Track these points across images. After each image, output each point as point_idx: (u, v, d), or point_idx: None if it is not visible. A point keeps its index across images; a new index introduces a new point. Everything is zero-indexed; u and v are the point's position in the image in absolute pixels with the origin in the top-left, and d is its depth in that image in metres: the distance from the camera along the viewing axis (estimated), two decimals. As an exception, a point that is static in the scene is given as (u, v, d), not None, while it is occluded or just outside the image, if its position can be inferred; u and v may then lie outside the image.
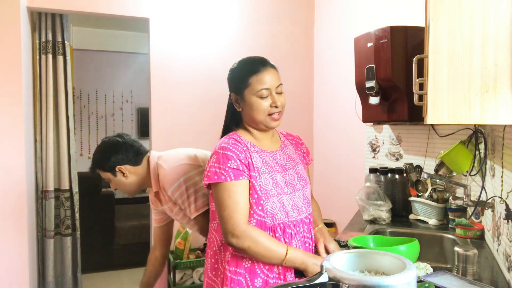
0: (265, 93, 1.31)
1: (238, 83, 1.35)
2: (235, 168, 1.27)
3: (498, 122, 0.99)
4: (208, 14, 3.13)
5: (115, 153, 1.65)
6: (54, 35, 3.03)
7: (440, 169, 1.96)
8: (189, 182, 1.58)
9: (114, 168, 1.66)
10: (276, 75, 1.35)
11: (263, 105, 1.31)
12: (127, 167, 1.67)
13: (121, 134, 1.74)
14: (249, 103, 1.33)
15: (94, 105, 6.02)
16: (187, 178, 1.58)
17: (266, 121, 1.33)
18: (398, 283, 0.80)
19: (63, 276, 3.14)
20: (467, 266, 1.31)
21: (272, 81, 1.32)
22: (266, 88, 1.31)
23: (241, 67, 1.37)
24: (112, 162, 1.65)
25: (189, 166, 1.61)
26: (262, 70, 1.32)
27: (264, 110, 1.32)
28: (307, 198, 1.40)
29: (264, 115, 1.32)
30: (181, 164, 1.62)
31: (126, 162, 1.66)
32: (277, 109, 1.33)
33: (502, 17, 0.96)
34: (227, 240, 1.25)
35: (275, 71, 1.35)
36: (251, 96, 1.32)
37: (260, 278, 1.28)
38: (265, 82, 1.31)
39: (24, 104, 2.65)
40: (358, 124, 2.64)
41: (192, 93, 3.11)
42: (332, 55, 3.17)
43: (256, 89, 1.31)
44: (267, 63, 1.36)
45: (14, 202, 2.63)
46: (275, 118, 1.34)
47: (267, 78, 1.32)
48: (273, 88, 1.33)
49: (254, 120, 1.34)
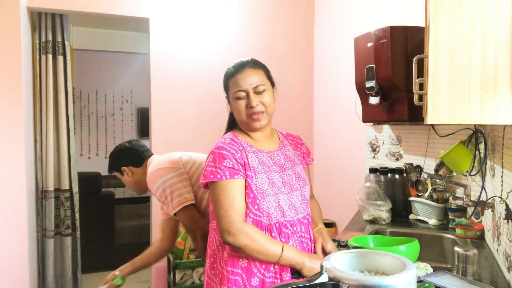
0: (241, 95, 1.34)
1: (224, 86, 1.41)
2: (230, 167, 1.28)
3: (498, 122, 0.99)
4: (208, 14, 3.13)
5: (121, 156, 1.96)
6: (54, 35, 3.03)
7: (440, 169, 1.95)
8: (166, 183, 1.77)
9: (120, 168, 1.95)
10: (255, 76, 1.35)
11: (241, 106, 1.34)
12: (131, 168, 1.95)
13: (130, 140, 2.05)
14: (232, 105, 1.38)
15: (94, 105, 6.02)
16: (165, 180, 1.77)
17: (247, 122, 1.36)
18: (398, 283, 0.80)
19: (63, 276, 3.14)
20: (467, 266, 1.31)
21: (248, 82, 1.33)
22: (240, 90, 1.33)
23: (226, 71, 1.41)
24: (118, 163, 1.95)
25: (167, 169, 1.81)
26: (238, 72, 1.35)
27: (242, 111, 1.34)
28: (305, 199, 1.40)
29: (244, 116, 1.35)
30: (159, 168, 1.82)
31: (130, 163, 1.95)
32: (253, 109, 1.33)
33: (502, 17, 0.96)
34: (224, 238, 1.26)
35: (254, 71, 1.35)
36: (232, 99, 1.37)
37: (257, 277, 1.28)
38: (239, 84, 1.33)
39: (24, 104, 2.65)
40: (358, 124, 2.64)
41: (192, 93, 3.11)
42: (332, 55, 3.17)
43: (233, 92, 1.35)
44: (246, 65, 1.36)
45: (14, 202, 2.64)
46: (254, 119, 1.34)
47: (242, 80, 1.33)
48: (250, 89, 1.33)
49: (239, 121, 1.39)
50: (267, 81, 1.38)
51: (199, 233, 1.82)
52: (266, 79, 1.38)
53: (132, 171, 1.94)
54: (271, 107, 1.37)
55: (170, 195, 1.75)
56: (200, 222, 1.78)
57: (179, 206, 1.74)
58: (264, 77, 1.37)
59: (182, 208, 1.74)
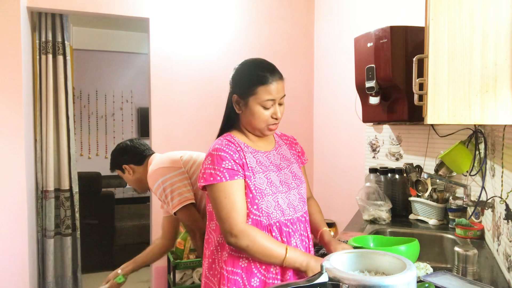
0: (269, 104, 1.32)
1: (245, 88, 1.33)
2: (229, 168, 1.27)
3: (498, 122, 0.99)
4: (208, 14, 3.13)
5: (122, 154, 1.96)
6: (54, 35, 3.03)
7: (440, 169, 1.95)
8: (167, 183, 1.77)
9: (122, 166, 1.96)
10: (282, 86, 1.35)
11: (265, 114, 1.32)
12: (132, 166, 1.95)
13: (132, 139, 2.04)
14: (251, 110, 1.33)
15: (94, 105, 6.02)
16: (165, 179, 1.78)
17: (263, 130, 1.36)
18: (398, 283, 0.80)
19: (63, 276, 3.14)
20: (467, 266, 1.31)
21: (278, 92, 1.33)
22: (271, 99, 1.32)
23: (250, 72, 1.35)
24: (119, 161, 1.96)
25: (168, 169, 1.81)
26: (272, 81, 1.31)
27: (266, 120, 1.33)
28: (302, 197, 1.41)
29: (264, 124, 1.34)
30: (160, 167, 1.82)
31: (131, 161, 1.95)
32: (276, 120, 1.34)
33: (502, 17, 0.96)
34: (227, 239, 1.26)
35: (282, 82, 1.35)
36: (255, 104, 1.32)
37: (257, 277, 1.28)
38: (272, 94, 1.31)
39: (24, 104, 2.65)
40: (358, 124, 2.64)
41: (192, 93, 3.11)
42: (332, 55, 3.17)
43: (262, 99, 1.31)
44: (276, 74, 1.34)
45: (14, 202, 2.63)
46: (271, 129, 1.36)
47: (276, 90, 1.32)
48: (277, 99, 1.33)
49: (252, 126, 1.36)
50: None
51: (198, 232, 1.83)
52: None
53: (133, 169, 1.95)
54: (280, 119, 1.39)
55: (170, 194, 1.76)
56: (200, 222, 1.79)
57: (179, 205, 1.75)
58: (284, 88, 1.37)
59: (182, 207, 1.75)
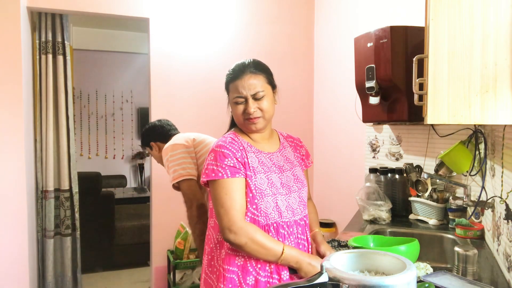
0: (240, 101, 1.34)
1: (225, 87, 1.42)
2: (231, 165, 1.28)
3: (498, 122, 0.99)
4: (208, 14, 3.13)
5: (150, 133, 2.21)
6: (54, 35, 3.03)
7: (440, 169, 1.95)
8: (174, 157, 1.96)
9: (150, 144, 2.21)
10: (256, 82, 1.33)
11: (239, 110, 1.35)
12: (159, 144, 2.19)
13: (160, 119, 2.27)
14: (231, 107, 1.40)
15: (94, 105, 6.03)
16: (174, 154, 1.98)
17: (244, 125, 1.38)
18: (398, 283, 0.80)
19: (63, 276, 3.14)
20: (467, 266, 1.31)
21: (247, 89, 1.33)
22: (239, 96, 1.34)
23: (228, 73, 1.40)
24: (148, 139, 2.21)
25: (179, 145, 2.01)
26: (238, 78, 1.34)
27: (239, 116, 1.36)
28: (303, 200, 1.41)
29: (241, 119, 1.36)
30: (173, 144, 2.02)
31: (157, 139, 2.19)
32: (250, 115, 1.33)
33: (502, 17, 0.96)
34: (225, 236, 1.26)
35: (254, 77, 1.34)
36: (230, 101, 1.39)
37: (252, 276, 1.29)
38: (239, 90, 1.34)
39: (24, 104, 2.65)
40: (358, 124, 2.64)
41: (192, 93, 3.11)
42: (332, 55, 3.17)
43: (232, 96, 1.37)
44: (247, 69, 1.34)
45: (14, 202, 2.63)
46: (250, 122, 1.35)
47: (241, 86, 1.33)
48: (249, 96, 1.33)
49: (237, 123, 1.41)
50: (267, 86, 1.36)
51: (195, 203, 1.89)
52: (266, 84, 1.36)
53: (159, 146, 2.17)
54: (269, 112, 1.36)
55: (173, 167, 1.93)
56: (198, 194, 1.89)
57: (178, 179, 1.90)
58: (264, 83, 1.36)
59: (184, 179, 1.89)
